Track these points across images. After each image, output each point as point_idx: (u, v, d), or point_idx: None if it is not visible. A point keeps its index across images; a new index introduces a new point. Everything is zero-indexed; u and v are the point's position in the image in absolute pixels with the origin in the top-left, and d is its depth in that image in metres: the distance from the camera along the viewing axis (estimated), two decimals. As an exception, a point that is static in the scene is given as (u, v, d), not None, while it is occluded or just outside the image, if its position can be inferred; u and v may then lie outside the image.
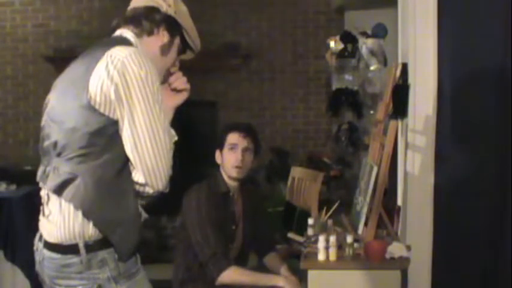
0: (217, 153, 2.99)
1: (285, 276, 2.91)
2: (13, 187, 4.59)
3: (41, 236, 1.86)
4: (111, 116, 1.73)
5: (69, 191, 1.74)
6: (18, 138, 6.49)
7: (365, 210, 2.85)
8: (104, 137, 1.73)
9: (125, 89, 1.71)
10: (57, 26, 6.51)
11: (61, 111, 1.80)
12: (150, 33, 1.91)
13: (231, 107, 6.35)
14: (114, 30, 1.94)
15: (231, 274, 2.79)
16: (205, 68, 5.79)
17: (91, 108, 1.71)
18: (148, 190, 1.77)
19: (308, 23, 6.40)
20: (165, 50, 1.94)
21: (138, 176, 1.75)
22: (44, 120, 1.89)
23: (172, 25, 1.94)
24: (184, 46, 2.00)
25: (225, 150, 2.94)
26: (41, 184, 1.87)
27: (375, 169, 2.83)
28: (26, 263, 4.18)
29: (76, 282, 1.76)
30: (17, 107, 6.53)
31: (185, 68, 2.02)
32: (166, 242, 5.86)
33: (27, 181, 4.71)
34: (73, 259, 1.75)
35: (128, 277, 1.81)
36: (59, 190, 1.76)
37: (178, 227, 3.05)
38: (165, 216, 5.87)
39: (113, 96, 1.71)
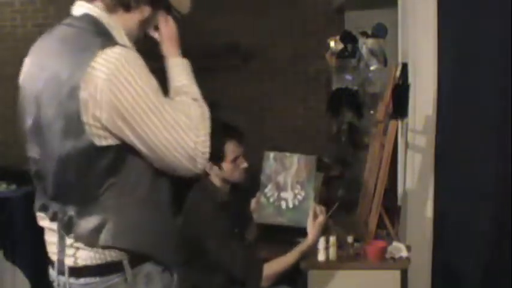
0: (211, 165, 2.71)
1: (310, 237, 2.70)
2: (13, 187, 4.58)
3: (61, 266, 1.60)
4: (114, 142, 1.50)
5: (104, 236, 1.51)
6: (18, 138, 6.48)
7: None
8: (118, 166, 1.51)
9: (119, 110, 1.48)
10: (57, 26, 6.51)
11: (56, 151, 1.58)
12: (127, 8, 1.60)
13: (231, 107, 6.34)
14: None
15: (270, 269, 2.65)
16: (205, 68, 5.78)
17: (94, 147, 1.50)
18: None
19: (308, 23, 6.40)
20: (144, 25, 1.65)
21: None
22: (35, 152, 1.66)
23: None
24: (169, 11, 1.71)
25: (227, 162, 2.75)
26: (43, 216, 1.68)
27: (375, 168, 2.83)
28: (26, 263, 4.18)
29: None
30: (17, 107, 6.53)
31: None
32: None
33: (27, 181, 4.69)
34: (115, 279, 1.54)
35: None
36: (91, 241, 1.53)
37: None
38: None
39: (110, 125, 1.49)
